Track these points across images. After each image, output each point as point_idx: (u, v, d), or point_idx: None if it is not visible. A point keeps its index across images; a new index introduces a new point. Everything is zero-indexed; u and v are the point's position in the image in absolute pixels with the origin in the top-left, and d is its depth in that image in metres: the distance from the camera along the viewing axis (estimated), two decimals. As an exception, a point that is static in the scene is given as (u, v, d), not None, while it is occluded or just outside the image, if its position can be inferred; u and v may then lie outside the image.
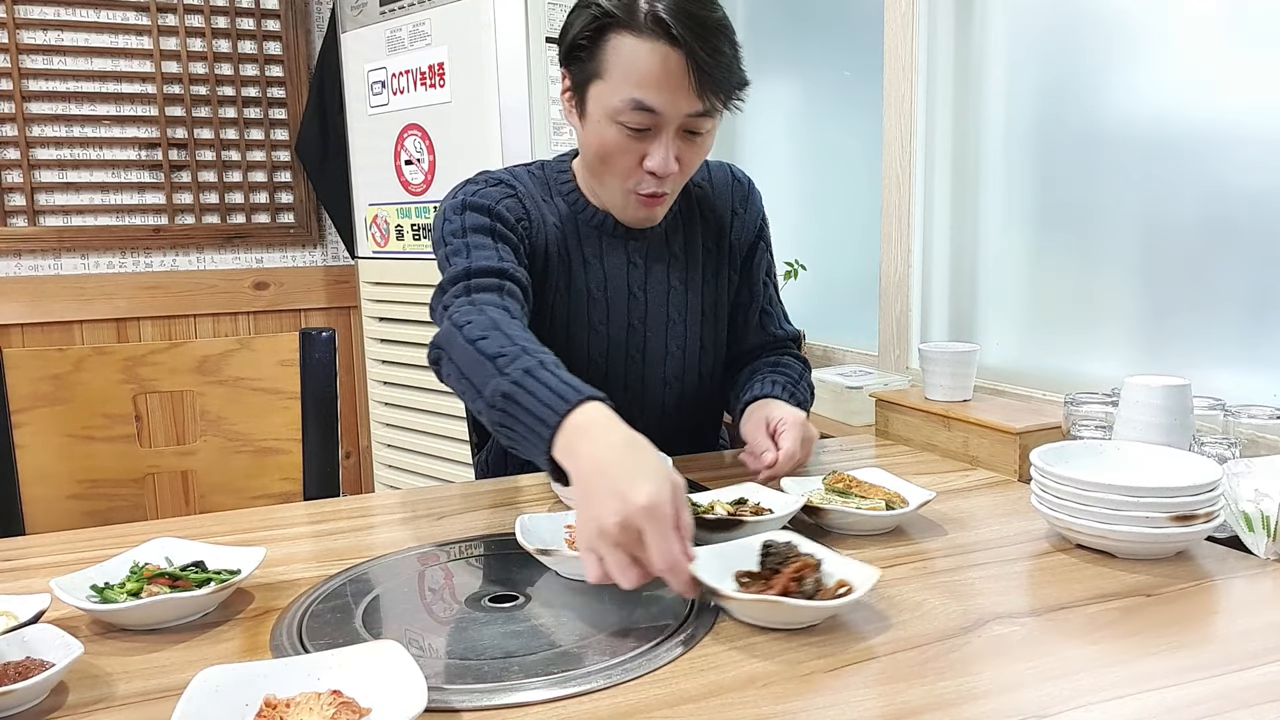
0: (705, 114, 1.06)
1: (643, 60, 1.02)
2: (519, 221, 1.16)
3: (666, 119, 1.05)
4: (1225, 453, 1.04)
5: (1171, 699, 0.63)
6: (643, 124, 1.05)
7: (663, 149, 1.06)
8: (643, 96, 1.03)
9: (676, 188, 1.15)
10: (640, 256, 1.22)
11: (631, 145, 1.07)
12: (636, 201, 1.13)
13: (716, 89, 1.04)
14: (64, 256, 2.75)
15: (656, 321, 1.23)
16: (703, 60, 1.01)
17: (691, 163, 1.12)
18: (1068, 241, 1.60)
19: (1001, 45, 1.70)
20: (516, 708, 0.64)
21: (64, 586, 0.77)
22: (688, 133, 1.08)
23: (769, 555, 0.81)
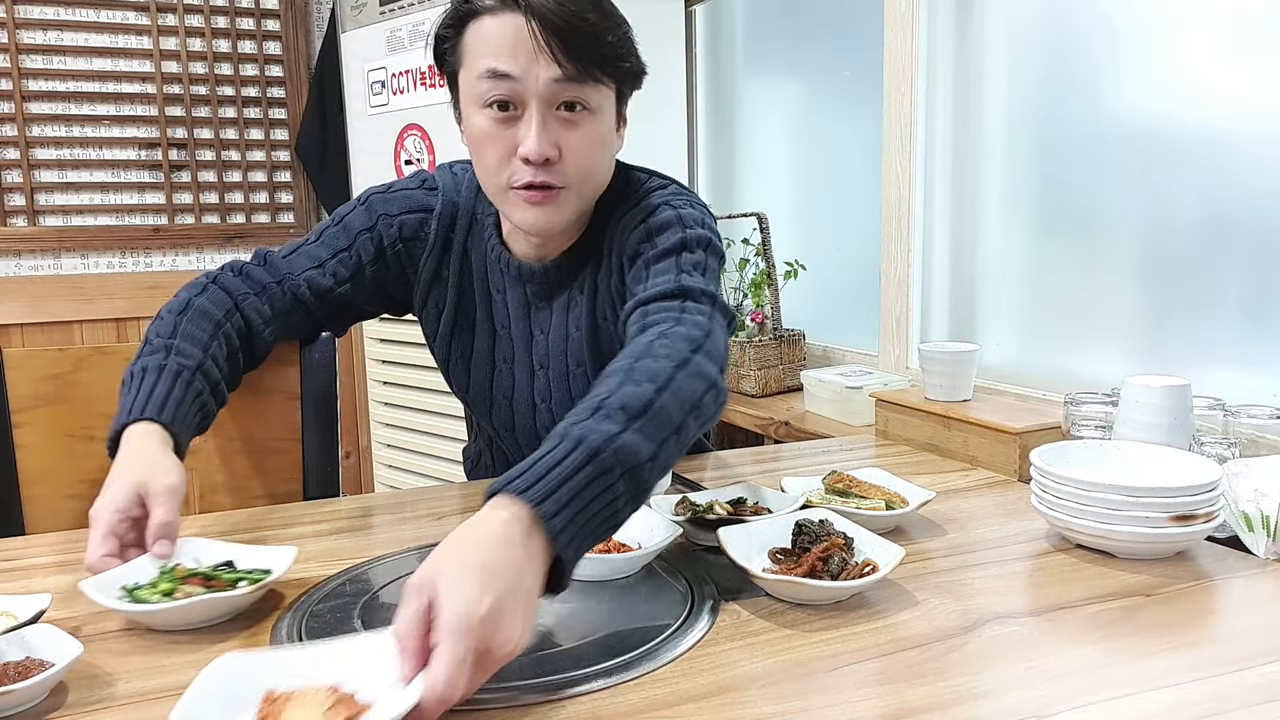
0: (571, 80, 0.96)
1: (495, 32, 0.96)
2: (406, 240, 1.16)
3: (526, 88, 0.96)
4: (1225, 453, 1.04)
5: (1171, 699, 0.63)
6: (502, 95, 0.96)
7: (532, 127, 0.96)
8: (496, 63, 0.96)
9: (573, 184, 1.01)
10: (540, 298, 1.13)
11: (501, 132, 0.98)
12: (517, 199, 1.00)
13: (577, 53, 0.95)
14: (64, 256, 2.75)
15: (557, 369, 1.14)
16: (555, 23, 0.94)
17: (579, 151, 0.99)
18: (1068, 241, 1.60)
19: (1001, 45, 1.70)
20: (516, 708, 0.64)
21: (96, 587, 0.77)
22: (564, 108, 0.98)
23: (802, 534, 0.85)
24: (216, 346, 1.06)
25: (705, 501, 0.97)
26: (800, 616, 0.77)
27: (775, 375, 2.19)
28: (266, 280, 1.14)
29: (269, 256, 1.16)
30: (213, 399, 1.04)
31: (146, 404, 0.96)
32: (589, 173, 1.02)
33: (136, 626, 0.78)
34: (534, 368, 1.15)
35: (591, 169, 1.02)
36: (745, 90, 2.50)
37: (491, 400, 1.19)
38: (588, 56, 0.96)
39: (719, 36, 2.58)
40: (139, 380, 0.99)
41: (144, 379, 0.99)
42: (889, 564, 0.79)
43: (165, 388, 0.98)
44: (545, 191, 1.00)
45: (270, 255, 1.17)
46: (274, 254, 1.17)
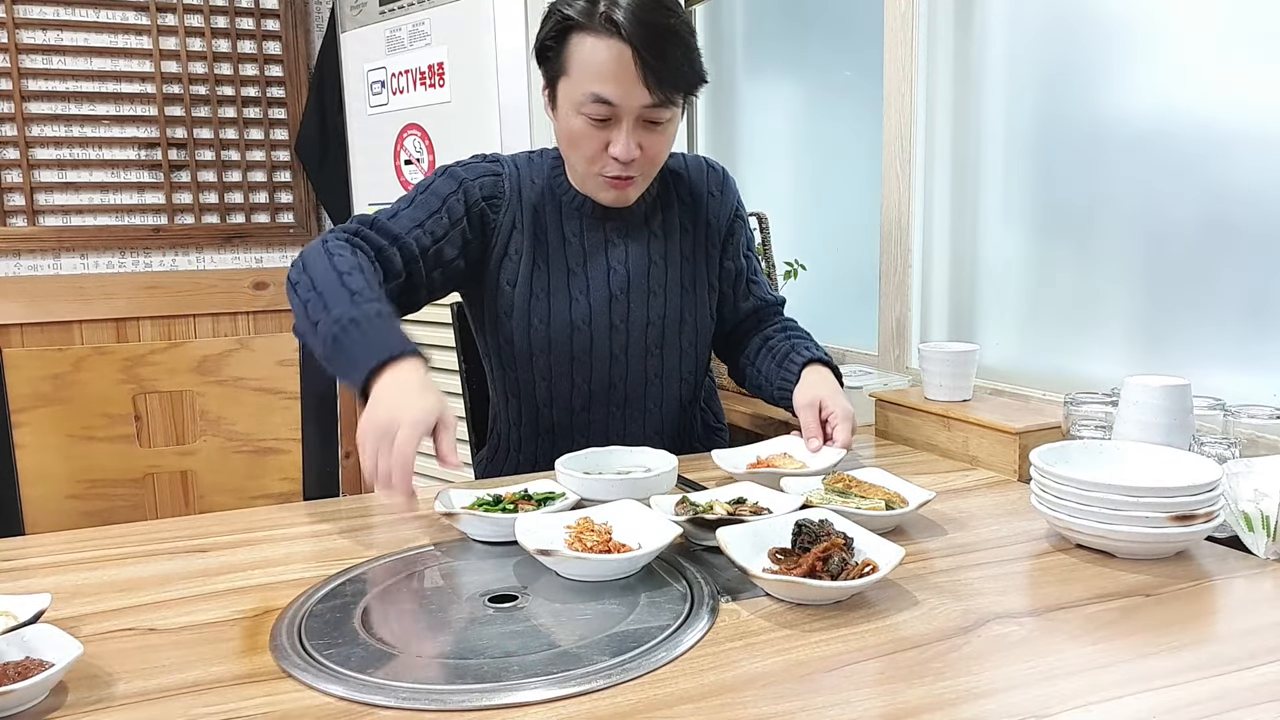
0: (659, 106, 1.17)
1: (599, 57, 1.14)
2: (486, 199, 1.29)
3: (623, 110, 1.17)
4: (1225, 453, 1.04)
5: (1171, 699, 0.63)
6: (602, 115, 1.17)
7: (624, 137, 1.18)
8: (600, 90, 1.15)
9: (646, 172, 1.25)
10: (619, 235, 1.32)
11: (595, 134, 1.19)
12: (604, 184, 1.24)
13: (666, 84, 1.16)
14: (63, 256, 2.74)
15: (637, 292, 1.32)
16: (649, 58, 1.13)
17: (655, 149, 1.23)
18: (1068, 241, 1.60)
19: (1001, 45, 1.70)
20: (516, 707, 0.64)
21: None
22: (648, 122, 1.19)
23: (801, 534, 0.85)
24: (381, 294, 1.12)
25: (705, 501, 0.97)
26: (800, 616, 0.77)
27: (775, 375, 2.18)
28: (381, 244, 1.20)
29: (375, 221, 1.23)
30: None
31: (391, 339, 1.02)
32: (659, 164, 1.27)
33: (137, 627, 0.78)
34: (612, 295, 1.31)
35: (659, 162, 1.27)
36: (745, 90, 2.50)
37: (572, 327, 1.31)
38: (674, 86, 1.18)
39: (719, 36, 2.58)
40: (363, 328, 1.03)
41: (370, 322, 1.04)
42: (889, 564, 0.80)
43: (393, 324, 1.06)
44: (627, 179, 1.23)
45: (376, 221, 1.23)
46: (378, 220, 1.23)
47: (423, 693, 0.65)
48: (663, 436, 1.36)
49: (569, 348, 1.30)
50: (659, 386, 1.36)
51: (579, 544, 0.87)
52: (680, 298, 1.35)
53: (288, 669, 0.69)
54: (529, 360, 1.31)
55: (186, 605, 0.82)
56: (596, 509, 0.94)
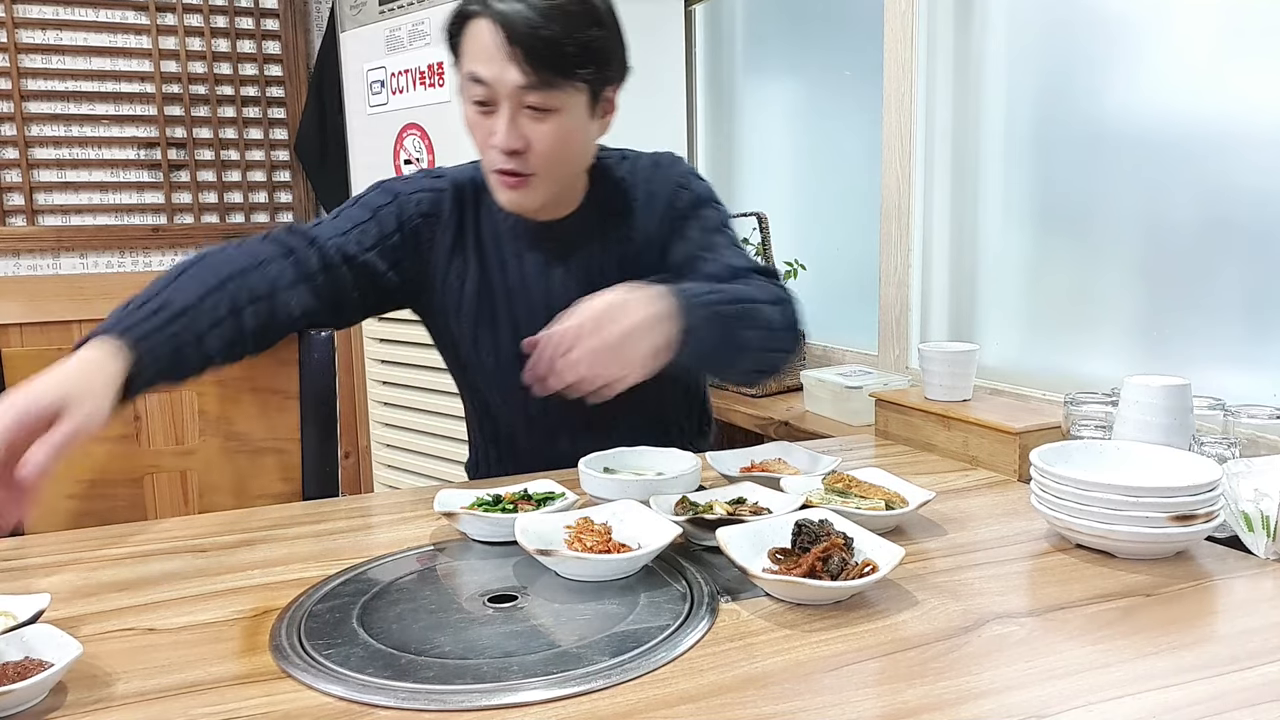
0: (535, 89, 1.06)
1: (478, 37, 1.07)
2: (423, 216, 1.23)
3: (497, 91, 1.08)
4: (1225, 453, 1.04)
5: (1171, 699, 0.63)
6: (479, 96, 1.09)
7: (502, 124, 1.08)
8: (474, 68, 1.08)
9: (544, 171, 1.13)
10: (557, 257, 1.23)
11: (482, 121, 1.11)
12: (496, 180, 1.14)
13: (538, 63, 1.05)
14: (63, 256, 2.74)
15: None
16: (516, 32, 1.04)
17: (544, 143, 1.10)
18: (1068, 241, 1.60)
19: (1001, 45, 1.70)
20: (516, 707, 0.64)
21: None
22: (532, 109, 1.08)
23: (801, 534, 0.84)
24: (214, 300, 1.05)
25: (705, 501, 0.97)
26: (800, 616, 0.77)
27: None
28: (294, 244, 1.14)
29: (294, 226, 1.19)
30: (195, 348, 1.01)
31: (114, 325, 0.96)
32: (556, 162, 1.13)
33: (136, 627, 0.78)
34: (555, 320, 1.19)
35: (559, 159, 1.13)
36: (745, 90, 2.50)
37: (521, 358, 1.18)
38: (549, 65, 1.06)
39: (719, 36, 2.58)
40: (120, 310, 0.99)
41: (125, 308, 1.00)
42: (889, 564, 0.79)
43: (142, 315, 0.98)
44: (517, 177, 1.12)
45: (295, 225, 1.19)
46: (298, 224, 1.19)
47: (423, 693, 0.65)
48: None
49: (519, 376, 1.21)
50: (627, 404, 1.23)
51: (579, 544, 0.87)
52: None
53: (287, 669, 0.69)
54: (488, 388, 1.27)
55: (186, 605, 0.82)
56: (596, 509, 0.94)
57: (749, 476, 1.10)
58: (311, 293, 1.14)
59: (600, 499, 1.02)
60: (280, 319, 1.12)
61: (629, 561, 0.84)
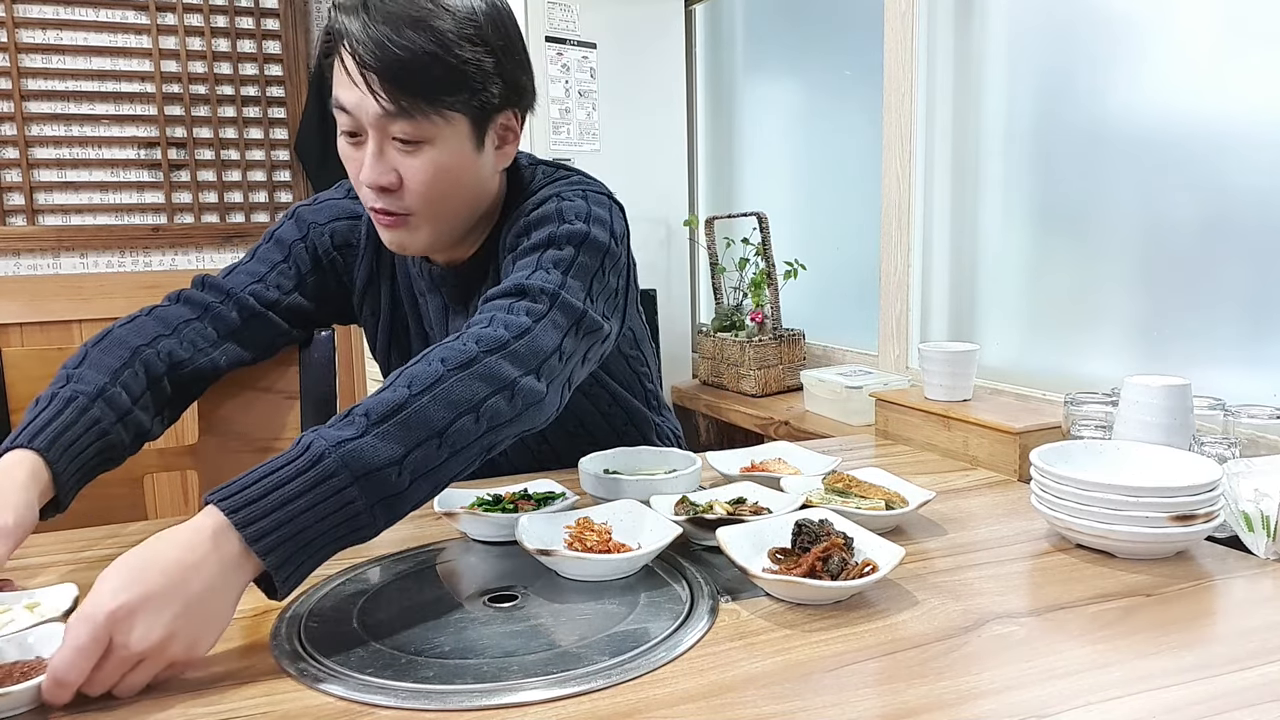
0: (396, 116, 0.94)
1: (341, 63, 0.96)
2: (338, 248, 1.17)
3: (360, 121, 0.96)
4: (1225, 453, 1.04)
5: (1171, 699, 0.63)
6: (345, 126, 0.99)
7: (366, 157, 0.97)
8: (338, 93, 0.97)
9: (422, 211, 1.00)
10: (455, 300, 1.15)
11: (354, 154, 1.00)
12: (375, 219, 1.03)
13: (396, 88, 0.93)
14: (63, 256, 2.74)
15: None
16: (370, 58, 0.92)
17: (418, 179, 0.98)
18: (1068, 241, 1.60)
19: (1001, 45, 1.70)
20: (516, 707, 0.64)
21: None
22: (401, 142, 0.96)
23: (801, 534, 0.84)
24: (130, 374, 1.01)
25: (705, 501, 0.97)
26: (800, 616, 0.77)
27: (775, 375, 2.19)
28: (209, 300, 1.10)
29: (207, 280, 1.13)
30: (122, 428, 0.98)
31: (23, 431, 0.90)
32: (434, 201, 1.00)
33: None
34: None
35: (437, 197, 1.00)
36: (745, 90, 2.50)
37: None
38: (409, 90, 0.93)
39: (719, 36, 2.58)
40: (31, 410, 0.94)
41: (36, 408, 0.94)
42: (889, 564, 0.79)
43: (51, 414, 0.92)
44: (392, 216, 1.00)
45: (208, 279, 1.14)
46: (211, 277, 1.14)
47: (423, 693, 0.65)
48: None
49: None
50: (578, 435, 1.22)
51: (579, 544, 0.87)
52: None
53: (287, 669, 0.69)
54: None
55: (186, 605, 0.82)
56: (596, 509, 0.94)
57: (749, 476, 1.10)
58: (238, 346, 1.12)
59: (600, 499, 1.02)
60: (206, 376, 1.10)
61: (629, 561, 0.84)
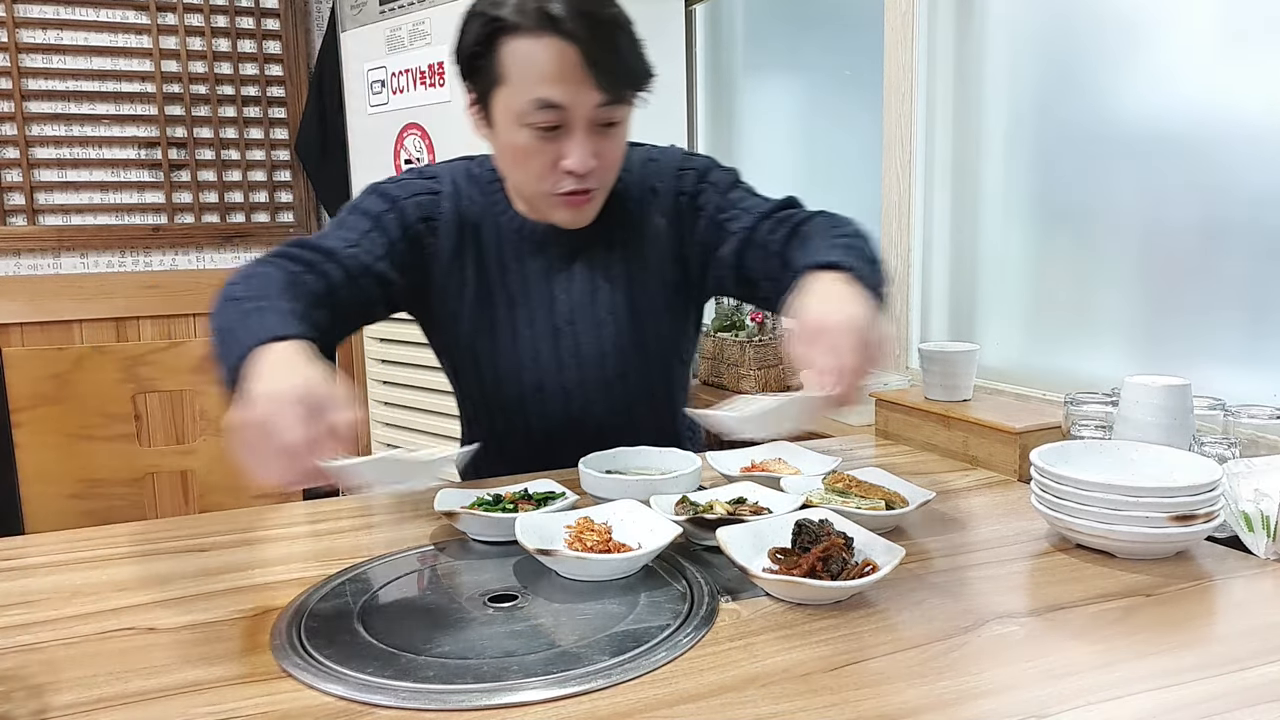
0: (612, 104, 1.05)
1: (539, 58, 1.02)
2: (424, 220, 1.18)
3: (574, 114, 1.04)
4: (1225, 453, 1.04)
5: (1171, 699, 0.63)
6: (551, 121, 1.04)
7: (578, 146, 1.06)
8: (546, 94, 1.03)
9: (605, 182, 1.13)
10: (561, 260, 1.20)
11: (545, 146, 1.06)
12: (560, 203, 1.11)
13: (619, 79, 1.04)
14: (63, 255, 2.75)
15: (585, 323, 1.20)
16: (596, 50, 1.01)
17: (612, 156, 1.11)
18: (1068, 241, 1.60)
19: (1001, 45, 1.70)
20: (516, 707, 0.64)
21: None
22: (601, 126, 1.07)
23: (801, 534, 0.84)
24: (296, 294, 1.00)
25: (705, 501, 0.97)
26: (800, 616, 0.77)
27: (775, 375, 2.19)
28: (313, 258, 1.07)
29: (304, 240, 1.11)
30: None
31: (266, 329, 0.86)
32: (614, 173, 1.14)
33: (137, 626, 0.78)
34: (557, 327, 1.19)
35: (616, 170, 1.14)
36: (745, 90, 2.50)
37: (520, 366, 1.20)
38: (623, 82, 1.05)
39: (719, 36, 2.58)
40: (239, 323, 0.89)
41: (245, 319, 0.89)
42: (889, 564, 0.79)
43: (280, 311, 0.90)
44: (585, 194, 1.11)
45: (305, 240, 1.11)
46: (308, 238, 1.11)
47: (423, 692, 0.65)
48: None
49: (518, 388, 1.20)
50: (628, 416, 1.24)
51: (579, 544, 0.87)
52: (637, 319, 1.21)
53: (287, 669, 0.69)
54: (482, 397, 1.24)
55: (186, 605, 0.82)
56: (596, 509, 0.94)
57: (749, 476, 1.10)
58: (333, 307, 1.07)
59: (600, 499, 1.02)
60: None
61: (629, 561, 0.84)
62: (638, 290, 1.22)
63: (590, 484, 1.06)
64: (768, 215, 1.14)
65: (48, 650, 0.74)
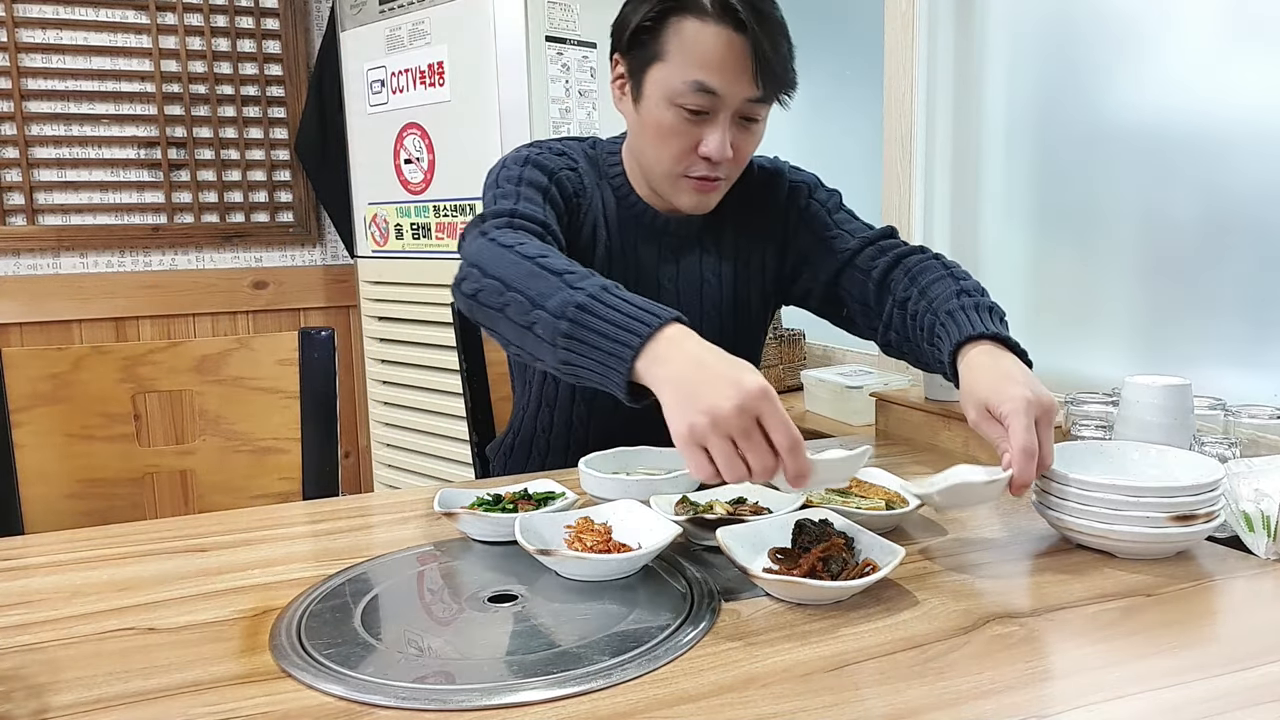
0: (761, 100, 1.08)
1: (707, 43, 1.05)
2: (575, 195, 1.18)
3: (725, 103, 1.07)
4: (1225, 453, 1.04)
5: (1171, 699, 0.63)
6: (701, 106, 1.07)
7: (719, 133, 1.08)
8: (705, 78, 1.05)
9: (731, 175, 1.16)
10: (671, 250, 1.23)
11: (688, 129, 1.09)
12: (689, 186, 1.13)
13: (775, 78, 1.07)
14: (63, 255, 2.74)
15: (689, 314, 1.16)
16: (764, 48, 1.05)
17: (745, 151, 1.14)
18: (1068, 241, 1.60)
19: (1001, 45, 1.70)
20: (516, 707, 0.64)
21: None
22: (743, 120, 1.10)
23: (801, 534, 0.85)
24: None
25: (705, 501, 0.97)
26: (800, 616, 0.77)
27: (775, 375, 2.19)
28: (537, 229, 1.06)
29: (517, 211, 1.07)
30: None
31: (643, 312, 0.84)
32: (742, 168, 1.18)
33: (136, 626, 0.78)
34: None
35: (745, 164, 1.18)
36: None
37: None
38: (779, 82, 1.09)
39: (719, 36, 2.58)
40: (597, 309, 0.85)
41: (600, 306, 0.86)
42: (889, 564, 0.79)
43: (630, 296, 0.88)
44: (714, 182, 1.13)
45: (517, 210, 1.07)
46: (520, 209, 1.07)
47: (423, 693, 0.65)
48: None
49: None
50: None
51: (579, 544, 0.87)
52: (733, 317, 1.26)
53: (287, 669, 0.69)
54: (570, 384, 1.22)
55: (186, 605, 0.82)
56: (596, 509, 0.94)
57: None
58: None
59: (600, 499, 1.02)
60: None
61: (629, 561, 0.84)
62: (740, 290, 1.26)
63: (590, 484, 1.06)
64: (871, 242, 1.21)
65: (48, 650, 0.74)
